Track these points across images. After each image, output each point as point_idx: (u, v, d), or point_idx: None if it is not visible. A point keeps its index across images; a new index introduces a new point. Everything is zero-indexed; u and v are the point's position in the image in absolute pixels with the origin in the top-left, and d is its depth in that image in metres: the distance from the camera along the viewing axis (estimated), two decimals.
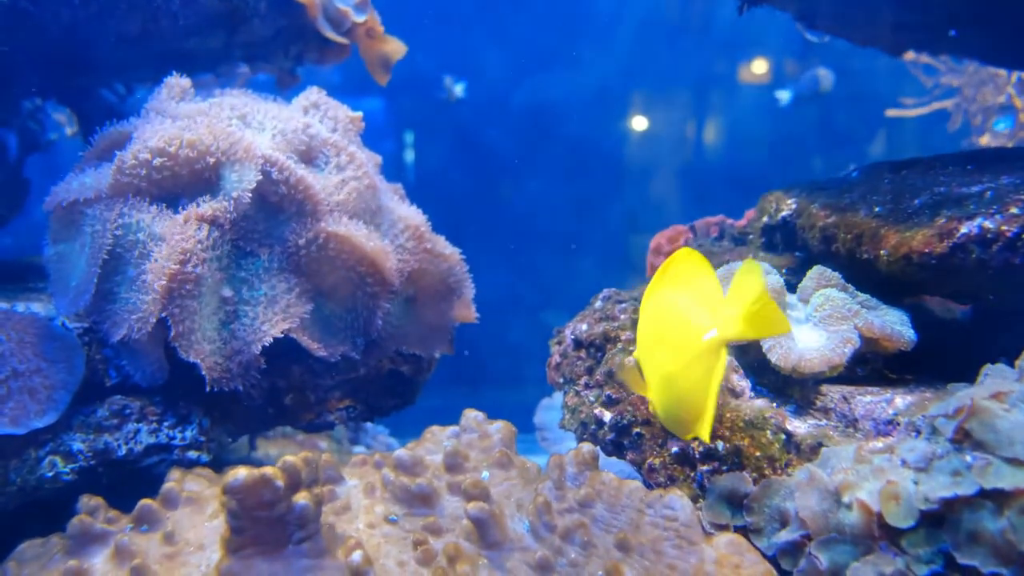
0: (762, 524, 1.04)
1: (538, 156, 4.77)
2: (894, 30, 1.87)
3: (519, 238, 4.55)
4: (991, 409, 0.90)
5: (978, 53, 2.12)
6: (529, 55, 4.82)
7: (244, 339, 1.34)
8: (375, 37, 2.09)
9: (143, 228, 1.30)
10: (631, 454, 1.28)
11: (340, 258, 1.41)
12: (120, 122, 1.48)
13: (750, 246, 1.78)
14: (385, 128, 4.67)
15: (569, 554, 1.00)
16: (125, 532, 1.11)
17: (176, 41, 1.81)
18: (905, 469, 0.93)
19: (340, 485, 1.19)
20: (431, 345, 1.65)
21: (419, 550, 1.02)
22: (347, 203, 1.45)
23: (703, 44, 4.79)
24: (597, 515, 1.05)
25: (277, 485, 0.92)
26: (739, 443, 1.14)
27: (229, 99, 1.51)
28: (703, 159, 4.81)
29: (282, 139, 1.45)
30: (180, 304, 1.26)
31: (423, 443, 1.25)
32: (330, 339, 1.46)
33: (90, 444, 1.30)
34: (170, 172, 1.34)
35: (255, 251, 1.38)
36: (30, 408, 1.26)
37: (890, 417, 1.10)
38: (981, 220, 1.11)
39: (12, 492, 1.25)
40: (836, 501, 0.96)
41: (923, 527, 0.89)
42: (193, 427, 1.39)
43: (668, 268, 1.06)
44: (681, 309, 1.01)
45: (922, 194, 1.25)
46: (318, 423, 1.58)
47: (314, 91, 1.63)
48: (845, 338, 1.16)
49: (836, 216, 1.36)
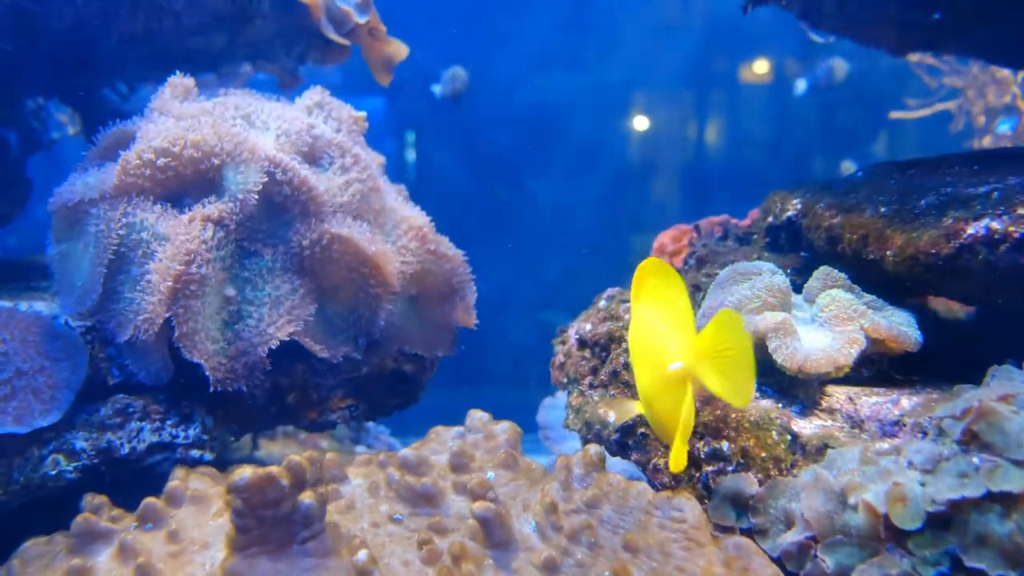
0: (767, 525, 1.04)
1: (541, 156, 4.77)
2: (898, 29, 1.87)
3: (521, 238, 4.54)
4: (999, 411, 0.90)
5: (983, 53, 2.11)
6: (531, 55, 4.82)
7: (249, 340, 1.33)
8: (377, 38, 2.09)
9: (147, 228, 1.30)
10: (636, 454, 1.27)
11: (343, 259, 1.40)
12: (123, 121, 1.48)
13: (754, 246, 1.78)
14: (387, 128, 4.67)
15: (576, 555, 1.00)
16: (129, 530, 1.11)
17: (179, 40, 1.81)
18: (912, 471, 0.93)
19: (344, 484, 1.19)
20: (433, 345, 1.65)
21: (424, 550, 1.01)
22: (351, 205, 1.45)
23: (705, 44, 4.79)
24: (604, 516, 1.05)
25: (282, 484, 0.92)
26: (744, 444, 1.14)
27: (233, 99, 1.51)
28: (705, 159, 4.80)
29: (286, 140, 1.45)
30: (184, 304, 1.26)
31: (428, 443, 1.25)
32: (332, 340, 1.46)
33: (93, 443, 1.30)
34: (174, 172, 1.34)
35: (259, 251, 1.38)
36: (34, 407, 1.25)
37: (896, 418, 1.10)
38: (988, 221, 1.10)
39: (16, 490, 1.25)
40: (842, 503, 0.96)
41: (930, 529, 0.88)
42: (196, 426, 1.39)
43: (643, 281, 1.07)
44: (655, 331, 1.02)
45: (928, 194, 1.24)
46: (320, 422, 1.58)
47: (318, 91, 1.63)
48: (851, 339, 1.16)
49: (842, 216, 1.35)
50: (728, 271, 1.35)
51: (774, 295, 1.25)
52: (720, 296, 1.31)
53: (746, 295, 1.25)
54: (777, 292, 1.25)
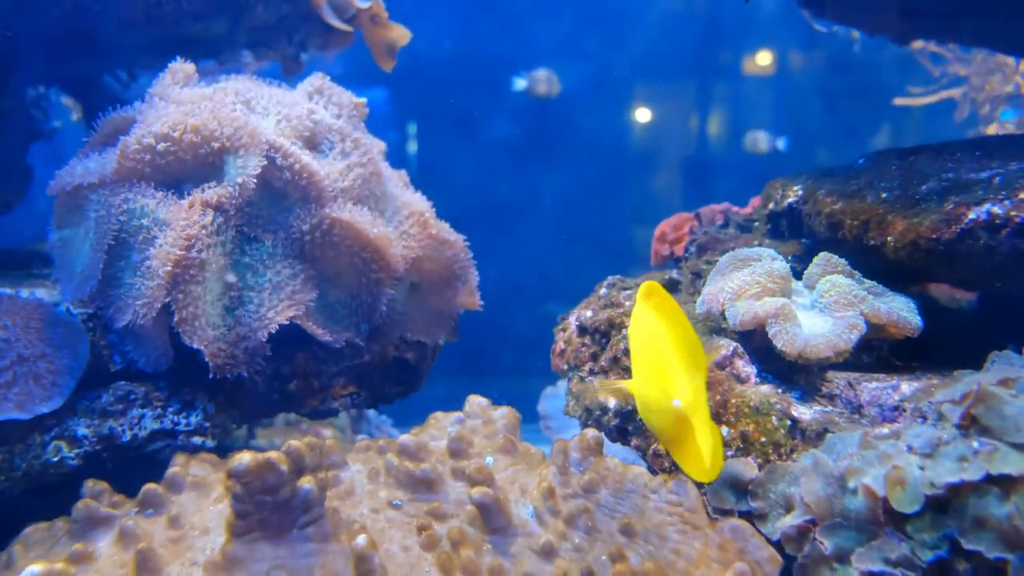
0: (767, 509, 1.04)
1: (543, 145, 4.76)
2: (902, 17, 1.86)
3: (524, 228, 4.54)
4: (998, 395, 0.90)
5: (988, 41, 2.10)
6: (534, 45, 4.80)
7: (249, 325, 1.34)
8: (379, 23, 2.08)
9: (147, 213, 1.30)
10: (635, 440, 1.28)
11: (344, 244, 1.40)
12: (124, 108, 1.48)
13: (755, 233, 1.78)
14: (388, 116, 4.66)
15: (573, 539, 1.00)
16: (130, 516, 1.11)
17: (180, 27, 1.80)
18: (911, 455, 0.93)
19: (344, 470, 1.19)
20: (435, 331, 1.65)
21: (423, 535, 1.01)
22: (352, 189, 1.45)
23: (708, 34, 4.77)
24: (601, 500, 1.05)
25: (282, 470, 0.92)
26: (744, 428, 1.14)
27: (233, 84, 1.51)
28: (706, 149, 4.79)
29: (287, 125, 1.44)
30: (184, 290, 1.26)
31: (427, 429, 1.25)
32: (334, 325, 1.46)
33: (95, 429, 1.31)
34: (174, 157, 1.34)
35: (260, 237, 1.38)
36: (35, 393, 1.26)
37: (896, 403, 1.09)
38: (989, 206, 1.10)
39: (17, 477, 1.25)
40: (841, 486, 0.96)
41: (929, 512, 0.88)
42: (198, 413, 1.39)
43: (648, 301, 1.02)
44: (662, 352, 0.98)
45: (930, 180, 1.24)
46: (322, 410, 1.58)
47: (318, 77, 1.62)
48: (851, 324, 1.15)
49: (843, 202, 1.35)
50: (728, 257, 1.35)
51: (774, 281, 1.24)
52: (720, 283, 1.31)
53: (746, 281, 1.25)
54: (777, 278, 1.25)
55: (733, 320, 1.21)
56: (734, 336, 1.27)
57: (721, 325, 1.30)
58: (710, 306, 1.28)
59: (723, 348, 1.24)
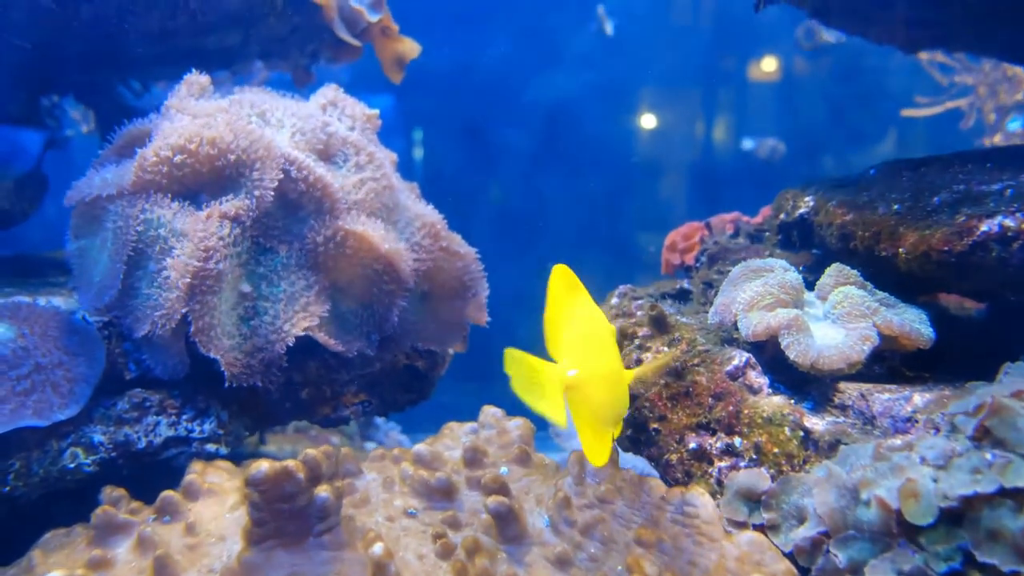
0: (780, 521, 1.05)
1: (550, 153, 4.77)
2: (909, 27, 1.87)
3: (531, 235, 4.55)
4: (1012, 407, 0.90)
5: (995, 51, 2.11)
6: (541, 52, 4.82)
7: (265, 337, 1.35)
8: (389, 36, 2.10)
9: (164, 224, 1.32)
10: (648, 450, 1.28)
11: (357, 256, 1.41)
12: (138, 119, 1.50)
13: (766, 243, 1.78)
14: (396, 125, 4.68)
15: (588, 549, 1.00)
16: (148, 523, 1.12)
17: (194, 38, 1.82)
18: (924, 466, 0.94)
19: (359, 479, 1.20)
20: (446, 341, 1.66)
21: (438, 543, 1.02)
22: (365, 202, 1.46)
23: (714, 41, 4.78)
24: (617, 511, 1.06)
25: (299, 478, 0.93)
26: (757, 439, 1.15)
27: (248, 96, 1.52)
28: (714, 157, 4.80)
29: (301, 137, 1.46)
30: (201, 300, 1.27)
31: (441, 438, 1.26)
32: (346, 335, 1.47)
33: (111, 436, 1.32)
34: (191, 169, 1.35)
35: (274, 247, 1.39)
36: (53, 401, 1.27)
37: (908, 415, 1.10)
38: (1001, 218, 1.11)
39: (35, 483, 1.26)
40: (855, 498, 0.97)
41: (942, 525, 0.89)
42: (212, 420, 1.40)
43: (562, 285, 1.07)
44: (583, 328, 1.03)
45: (941, 192, 1.24)
46: (334, 418, 1.59)
47: (331, 88, 1.64)
48: (864, 335, 1.16)
49: (854, 214, 1.36)
50: (740, 268, 1.35)
51: (786, 292, 1.25)
52: (732, 293, 1.31)
53: (758, 292, 1.26)
54: (789, 289, 1.25)
55: (746, 331, 1.22)
56: (746, 347, 1.28)
57: (733, 336, 1.31)
58: (722, 317, 1.29)
59: (735, 359, 1.24)
